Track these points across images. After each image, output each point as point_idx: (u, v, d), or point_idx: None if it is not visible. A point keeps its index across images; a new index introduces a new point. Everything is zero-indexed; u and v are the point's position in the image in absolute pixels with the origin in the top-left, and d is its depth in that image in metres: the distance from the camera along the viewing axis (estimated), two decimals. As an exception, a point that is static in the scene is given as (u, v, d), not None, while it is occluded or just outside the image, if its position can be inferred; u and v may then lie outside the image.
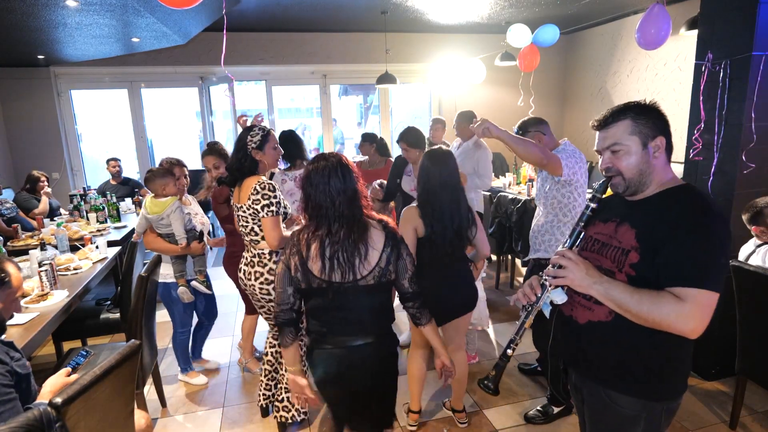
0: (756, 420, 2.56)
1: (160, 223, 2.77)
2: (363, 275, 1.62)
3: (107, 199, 4.59)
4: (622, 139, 1.29)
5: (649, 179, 1.31)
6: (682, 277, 1.17)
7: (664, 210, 1.26)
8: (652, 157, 1.29)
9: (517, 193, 4.50)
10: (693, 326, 1.15)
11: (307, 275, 1.63)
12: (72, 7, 3.33)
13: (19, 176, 5.63)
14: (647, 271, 1.23)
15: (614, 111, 1.32)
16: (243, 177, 2.32)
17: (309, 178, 1.66)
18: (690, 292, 1.15)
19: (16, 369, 1.47)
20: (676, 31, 4.33)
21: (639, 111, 1.30)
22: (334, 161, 1.65)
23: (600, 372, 1.37)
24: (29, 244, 3.58)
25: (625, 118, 1.30)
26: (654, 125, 1.29)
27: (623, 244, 1.29)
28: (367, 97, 11.32)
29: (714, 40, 2.74)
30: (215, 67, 6.21)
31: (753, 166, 2.67)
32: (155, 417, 2.75)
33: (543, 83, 7.01)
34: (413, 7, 5.22)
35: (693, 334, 1.17)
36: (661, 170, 1.31)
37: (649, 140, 1.29)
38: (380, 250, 1.65)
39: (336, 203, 1.61)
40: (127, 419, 1.76)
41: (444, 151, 2.25)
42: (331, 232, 1.61)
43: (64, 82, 6.14)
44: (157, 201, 2.76)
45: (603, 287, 1.24)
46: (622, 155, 1.30)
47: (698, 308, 1.14)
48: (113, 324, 3.05)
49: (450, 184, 2.19)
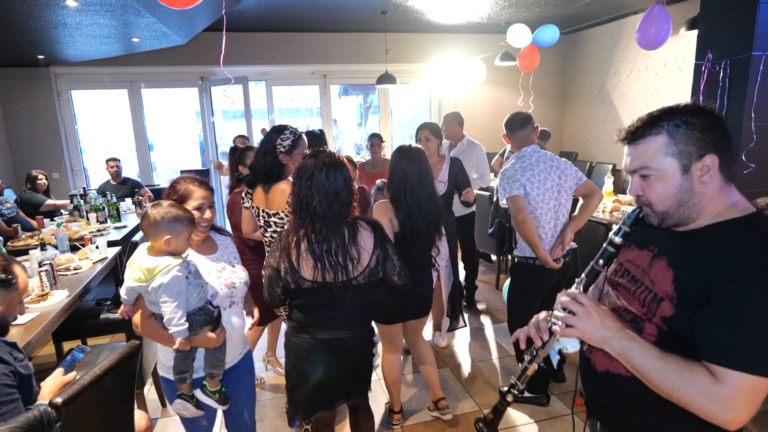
0: (756, 420, 2.56)
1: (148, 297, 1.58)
2: (354, 276, 1.65)
3: (107, 199, 4.59)
4: (653, 163, 0.98)
5: (696, 210, 0.98)
6: (726, 351, 0.87)
7: (715, 251, 0.93)
8: (697, 182, 0.96)
9: (517, 193, 4.50)
10: (730, 417, 0.86)
11: (296, 277, 1.64)
12: (72, 7, 3.33)
13: (19, 176, 5.63)
14: (683, 330, 0.94)
15: (647, 121, 1.00)
16: (271, 182, 2.27)
17: (296, 174, 1.67)
18: (731, 375, 0.85)
19: (19, 370, 1.47)
20: (676, 31, 4.32)
21: (680, 121, 0.96)
22: (325, 159, 1.65)
23: (623, 427, 1.12)
24: (29, 244, 3.58)
25: (660, 133, 0.97)
26: (700, 140, 0.95)
27: (656, 288, 1.00)
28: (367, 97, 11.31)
29: (714, 40, 2.74)
30: (215, 67, 6.20)
31: (753, 166, 2.68)
32: (155, 417, 2.74)
33: (543, 83, 7.01)
34: (413, 7, 5.22)
35: (730, 426, 0.88)
36: (713, 197, 0.98)
37: (693, 161, 0.96)
38: (371, 252, 1.68)
39: (320, 202, 1.61)
40: (127, 419, 1.76)
41: (415, 147, 2.28)
42: (314, 231, 1.61)
43: (64, 82, 6.13)
44: (148, 258, 1.56)
45: (620, 345, 0.97)
46: (654, 182, 0.99)
47: (740, 396, 0.85)
48: (113, 324, 3.04)
49: (425, 179, 2.21)
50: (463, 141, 3.97)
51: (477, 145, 3.93)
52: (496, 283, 4.68)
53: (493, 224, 4.48)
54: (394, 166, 2.25)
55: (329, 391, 1.79)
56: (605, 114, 6.71)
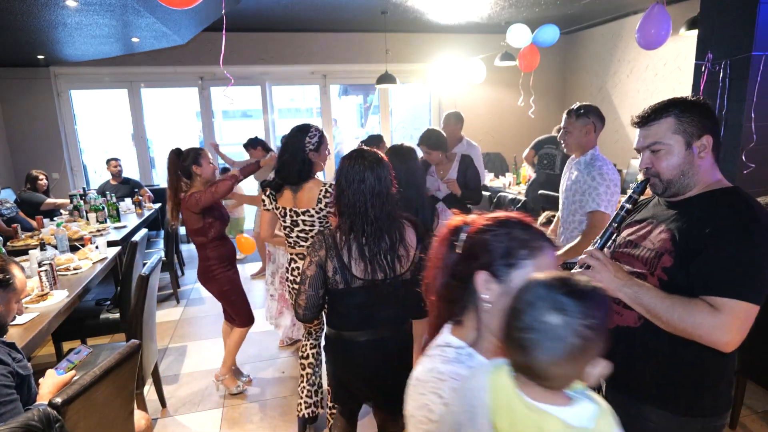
0: (756, 420, 2.56)
1: None
2: (402, 273, 1.65)
3: (107, 199, 4.59)
4: (663, 138, 1.20)
5: (693, 180, 1.21)
6: (719, 285, 1.08)
7: (705, 213, 1.16)
8: (696, 157, 1.19)
9: (516, 194, 4.50)
10: (728, 339, 1.07)
11: (347, 276, 1.62)
12: (72, 7, 3.33)
13: (19, 176, 5.62)
14: (680, 277, 1.15)
15: (657, 107, 1.23)
16: (302, 181, 2.29)
17: (344, 175, 1.63)
18: (727, 303, 1.06)
19: (17, 370, 1.47)
20: (676, 31, 4.32)
21: (684, 108, 1.20)
22: (372, 159, 1.63)
23: (629, 382, 1.27)
24: (29, 244, 3.58)
25: (669, 116, 1.20)
26: (700, 123, 1.19)
27: (657, 247, 1.21)
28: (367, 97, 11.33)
29: (714, 40, 2.74)
30: (215, 67, 6.20)
31: (753, 166, 2.67)
32: (155, 417, 2.74)
33: (543, 83, 7.00)
34: (413, 7, 5.22)
35: (728, 347, 1.08)
36: (706, 171, 1.21)
37: (694, 139, 1.19)
38: (415, 247, 1.68)
39: (372, 204, 1.59)
40: (127, 419, 1.76)
41: (407, 147, 2.25)
42: (366, 233, 1.59)
43: (63, 82, 6.13)
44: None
45: (632, 290, 1.16)
46: (663, 155, 1.21)
47: (735, 320, 1.06)
48: (113, 324, 3.05)
49: (415, 179, 2.18)
50: (463, 142, 3.95)
51: (475, 147, 3.96)
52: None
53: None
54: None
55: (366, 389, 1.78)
56: (605, 114, 6.63)
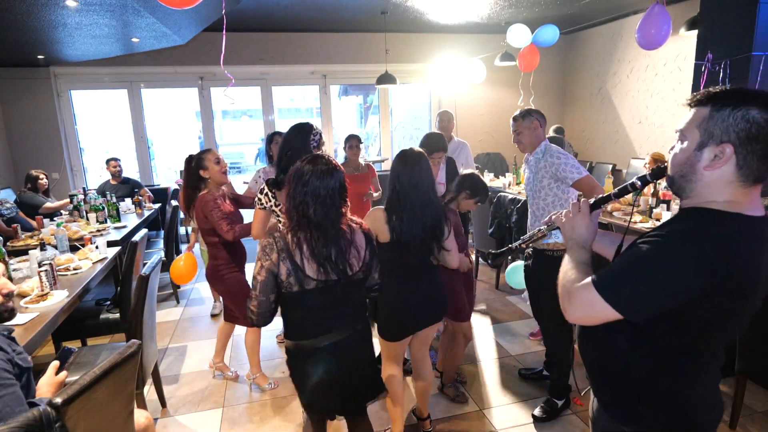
0: (756, 420, 2.56)
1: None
2: (355, 272, 1.72)
3: (107, 199, 4.59)
4: (686, 128, 1.04)
5: (690, 188, 1.04)
6: (601, 272, 1.07)
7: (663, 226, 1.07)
8: (704, 163, 1.00)
9: (516, 193, 4.50)
10: (568, 308, 1.09)
11: (301, 277, 1.63)
12: (72, 7, 3.33)
13: (19, 176, 5.63)
14: None
15: (707, 93, 1.03)
16: None
17: (294, 177, 1.66)
18: (586, 282, 1.06)
19: (17, 361, 1.47)
20: (676, 31, 4.33)
21: (726, 104, 0.98)
22: (322, 167, 1.65)
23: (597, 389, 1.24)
24: (29, 244, 3.58)
25: (708, 106, 1.01)
26: (730, 128, 0.96)
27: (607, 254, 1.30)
28: (367, 97, 11.33)
29: (714, 40, 2.75)
30: (215, 67, 6.21)
31: (753, 166, 2.67)
32: (155, 417, 2.74)
33: (543, 83, 7.01)
34: (413, 7, 5.22)
35: (567, 315, 1.10)
36: (713, 185, 1.01)
37: (711, 144, 0.99)
38: (365, 248, 1.76)
39: (315, 210, 1.63)
40: (127, 419, 1.75)
41: (415, 152, 2.17)
42: (312, 237, 1.63)
43: (63, 82, 6.14)
44: None
45: (572, 246, 1.20)
46: (677, 146, 1.07)
47: (581, 298, 1.06)
48: (113, 324, 3.05)
49: (422, 184, 2.11)
50: (454, 140, 4.16)
51: (465, 144, 4.16)
52: (496, 283, 4.68)
53: (493, 224, 4.48)
54: (390, 170, 2.22)
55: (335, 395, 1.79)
56: (605, 114, 6.71)
